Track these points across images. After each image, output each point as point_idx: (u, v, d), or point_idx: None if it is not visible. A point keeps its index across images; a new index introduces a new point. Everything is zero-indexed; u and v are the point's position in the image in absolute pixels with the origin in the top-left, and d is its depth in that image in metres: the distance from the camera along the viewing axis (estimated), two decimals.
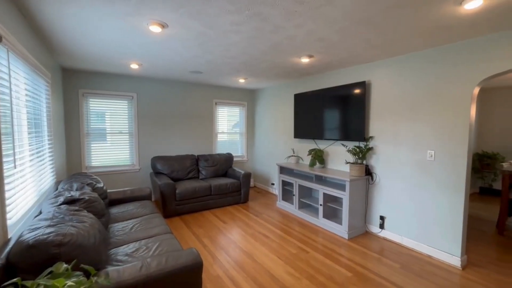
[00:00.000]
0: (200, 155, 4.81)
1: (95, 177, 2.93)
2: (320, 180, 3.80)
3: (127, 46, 2.71)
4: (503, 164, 3.65)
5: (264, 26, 2.16)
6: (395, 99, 3.03)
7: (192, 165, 4.62)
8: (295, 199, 4.02)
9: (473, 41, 2.37)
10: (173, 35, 2.38)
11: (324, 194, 3.50)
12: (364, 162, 3.39)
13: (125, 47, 2.75)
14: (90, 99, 4.11)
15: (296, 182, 3.98)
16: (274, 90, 5.12)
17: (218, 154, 4.99)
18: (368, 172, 3.33)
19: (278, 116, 5.05)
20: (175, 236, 3.17)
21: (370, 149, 3.28)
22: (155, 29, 2.19)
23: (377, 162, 3.25)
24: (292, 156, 4.50)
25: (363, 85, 3.25)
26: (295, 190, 4.00)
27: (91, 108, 4.13)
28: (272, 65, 3.48)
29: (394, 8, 1.82)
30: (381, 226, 3.21)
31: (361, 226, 3.34)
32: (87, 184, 2.59)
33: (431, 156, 2.70)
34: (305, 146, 4.41)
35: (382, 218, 3.20)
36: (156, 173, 4.35)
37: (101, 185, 2.80)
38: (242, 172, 4.55)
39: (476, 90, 2.42)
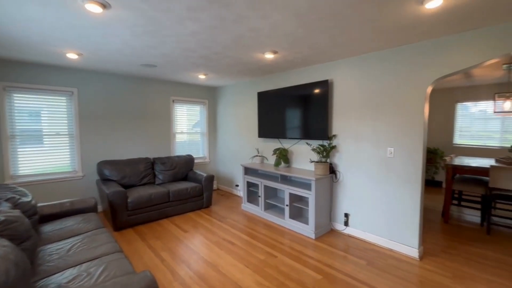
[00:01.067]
0: (156, 158, 4.38)
1: (21, 189, 2.39)
2: (286, 180, 3.73)
3: (60, 29, 2.25)
4: (446, 158, 4.03)
5: (226, 15, 1.96)
6: (356, 98, 3.08)
7: (147, 169, 4.18)
8: (261, 200, 3.88)
9: (429, 43, 2.49)
10: (118, 18, 2.02)
11: (290, 194, 3.43)
12: (328, 160, 3.41)
13: (57, 30, 2.27)
14: (15, 95, 3.40)
15: (261, 182, 3.84)
16: (237, 87, 4.92)
17: (177, 156, 4.61)
18: (332, 170, 3.35)
19: (242, 115, 4.87)
20: (127, 253, 2.77)
21: (334, 147, 3.30)
22: (94, 8, 1.82)
23: (340, 160, 3.29)
24: (257, 156, 4.37)
25: (326, 84, 3.25)
26: (261, 191, 3.87)
27: (17, 105, 3.42)
28: (235, 61, 3.28)
29: (359, 3, 1.77)
30: (346, 223, 3.25)
31: (327, 225, 3.35)
32: (6, 200, 2.07)
33: (391, 153, 2.80)
34: (270, 146, 4.31)
35: (346, 215, 3.24)
36: (104, 180, 3.81)
37: (27, 199, 2.29)
38: (204, 174, 4.26)
39: (429, 90, 2.56)
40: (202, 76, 4.23)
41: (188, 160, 4.65)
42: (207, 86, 5.35)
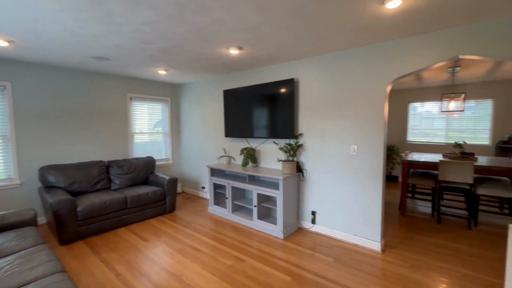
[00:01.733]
0: (111, 161, 3.98)
1: None
2: (254, 180, 3.65)
3: None
4: (402, 154, 4.31)
5: (184, 2, 1.79)
6: (322, 97, 3.11)
7: (101, 174, 3.77)
8: (228, 202, 3.75)
9: (388, 44, 2.59)
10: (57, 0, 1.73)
11: (258, 194, 3.36)
12: (295, 159, 3.40)
13: None
14: None
15: (228, 184, 3.71)
16: (202, 85, 4.71)
17: (136, 159, 4.25)
18: (299, 169, 3.35)
19: (207, 114, 4.67)
20: (74, 271, 2.43)
21: (300, 146, 3.30)
22: None
23: (307, 159, 3.30)
24: (224, 156, 4.22)
25: (291, 82, 3.23)
26: (228, 193, 3.73)
27: None
28: (198, 56, 3.10)
29: (322, 0, 1.74)
30: (313, 221, 3.27)
31: (295, 223, 3.35)
32: None
33: (354, 150, 2.87)
34: (237, 145, 4.19)
35: (313, 213, 3.26)
36: (48, 187, 3.34)
37: None
38: (167, 177, 3.98)
39: (389, 89, 2.68)
40: (162, 72, 3.94)
41: (149, 163, 4.32)
42: (169, 83, 5.03)
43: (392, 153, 6.06)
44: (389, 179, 6.31)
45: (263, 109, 3.60)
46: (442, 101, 4.24)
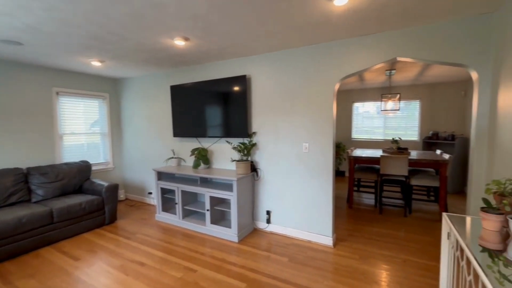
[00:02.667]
0: (32, 168, 3.32)
1: None
2: (206, 182, 3.44)
3: None
4: (348, 150, 4.58)
5: None
6: (274, 95, 3.07)
7: (17, 184, 3.11)
8: (178, 207, 3.46)
9: (337, 43, 2.66)
10: None
11: (211, 197, 3.16)
12: (249, 158, 3.31)
13: None
14: None
15: (178, 188, 3.42)
16: (147, 80, 4.27)
17: (67, 164, 3.64)
18: (254, 169, 3.27)
19: (154, 112, 4.26)
20: None
21: (254, 145, 3.22)
22: None
23: (261, 158, 3.23)
24: (173, 158, 3.89)
25: (243, 79, 3.12)
26: (178, 197, 3.44)
27: None
28: (139, 46, 2.76)
29: None
30: (268, 221, 3.22)
31: (250, 224, 3.25)
32: None
33: (306, 148, 2.90)
34: (187, 146, 3.91)
35: (268, 212, 3.21)
36: None
37: None
38: (105, 184, 3.50)
39: (337, 87, 2.76)
40: (97, 63, 3.44)
41: (83, 168, 3.75)
42: (107, 77, 4.45)
43: (339, 149, 6.46)
44: (337, 174, 6.71)
45: (215, 106, 3.42)
46: (382, 101, 4.64)
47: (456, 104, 5.33)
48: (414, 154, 4.19)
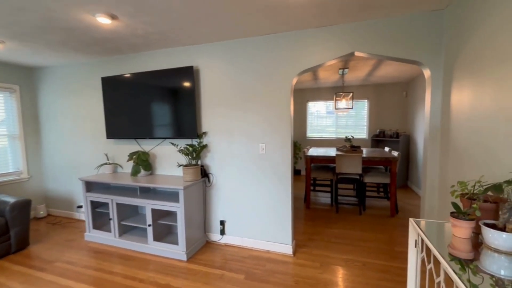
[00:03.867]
0: None
1: None
2: (147, 192, 2.92)
3: None
4: (304, 150, 4.49)
5: None
6: (227, 90, 2.72)
7: None
8: (114, 223, 2.88)
9: (294, 34, 2.43)
10: None
11: (154, 210, 2.68)
12: (199, 162, 2.91)
13: None
14: None
15: (112, 200, 2.84)
16: (72, 70, 3.51)
17: None
18: (205, 174, 2.88)
19: (81, 109, 3.52)
20: None
21: (205, 146, 2.83)
22: None
23: (212, 161, 2.86)
24: (107, 164, 3.26)
25: (190, 71, 2.70)
26: (112, 212, 2.86)
27: None
28: (47, 21, 2.12)
29: None
30: (222, 232, 2.87)
31: (201, 238, 2.86)
32: None
33: (263, 149, 2.63)
34: (125, 149, 3.30)
35: (222, 223, 2.86)
36: None
37: None
38: (11, 200, 2.72)
39: (294, 82, 2.55)
40: None
41: None
42: (15, 65, 3.54)
43: (295, 148, 6.42)
44: (294, 172, 6.69)
45: (158, 102, 2.92)
46: (336, 100, 4.66)
47: (399, 104, 5.71)
48: (365, 152, 4.29)
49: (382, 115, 5.88)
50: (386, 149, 4.47)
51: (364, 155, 3.80)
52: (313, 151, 4.55)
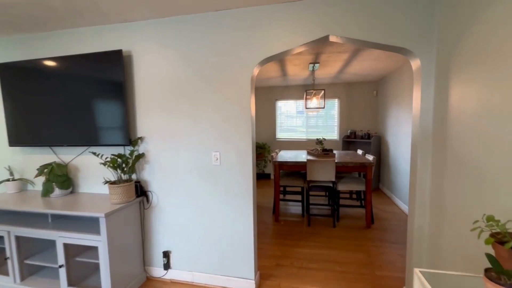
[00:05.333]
0: None
1: None
2: (60, 220, 2.18)
3: None
4: (273, 154, 4.00)
5: None
6: (170, 82, 2.09)
7: None
8: (12, 264, 2.09)
9: (255, 11, 1.88)
10: None
11: (67, 245, 1.96)
12: (136, 176, 2.23)
13: None
14: None
15: (10, 232, 2.05)
16: None
17: None
18: (142, 192, 2.21)
19: None
20: None
21: (141, 156, 2.17)
22: None
23: (152, 175, 2.21)
24: (9, 180, 2.42)
25: (118, 56, 2.03)
26: (10, 248, 2.07)
27: None
28: None
29: None
30: (167, 266, 2.23)
31: (139, 274, 2.19)
32: None
33: (217, 159, 2.05)
34: (37, 160, 2.49)
35: (166, 254, 2.22)
36: None
37: None
38: None
39: (255, 73, 2.00)
40: None
41: None
42: None
43: (263, 151, 5.94)
44: (262, 177, 6.20)
45: (77, 98, 2.19)
46: (306, 98, 4.24)
47: (369, 103, 5.50)
48: (338, 156, 3.92)
49: (353, 115, 5.64)
50: (359, 151, 4.16)
51: (337, 160, 3.41)
52: (283, 155, 4.07)
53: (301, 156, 3.96)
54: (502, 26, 1.07)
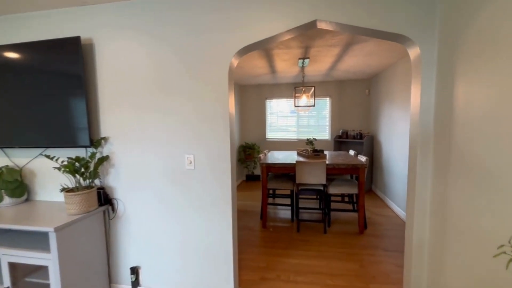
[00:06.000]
0: None
1: None
2: (10, 234, 1.88)
3: None
4: (261, 155, 3.76)
5: None
6: (139, 75, 1.83)
7: None
8: None
9: None
10: None
11: (13, 264, 1.67)
12: (100, 182, 1.96)
13: None
14: None
15: None
16: None
17: None
18: (107, 200, 1.94)
19: None
20: None
21: (105, 159, 1.90)
22: None
23: (118, 181, 1.94)
24: None
25: (76, 44, 1.75)
26: None
27: None
28: None
29: None
30: (135, 284, 1.96)
31: None
32: None
33: (191, 162, 1.80)
34: None
35: (135, 270, 1.95)
36: None
37: None
38: None
39: (234, 64, 1.76)
40: None
41: None
42: None
43: (253, 151, 5.71)
44: (252, 178, 5.96)
45: (31, 92, 1.89)
46: (295, 96, 4.02)
47: (362, 102, 5.33)
48: (329, 157, 3.71)
49: (345, 114, 5.46)
50: (351, 152, 3.96)
51: (328, 162, 3.19)
52: (272, 156, 3.84)
53: (291, 157, 3.74)
54: None
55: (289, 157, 3.75)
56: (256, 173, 5.98)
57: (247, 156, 5.71)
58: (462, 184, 1.21)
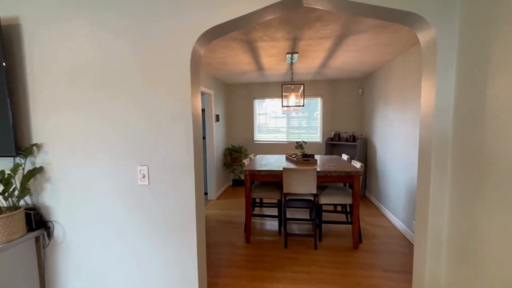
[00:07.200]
0: None
1: None
2: None
3: None
4: (244, 161, 3.40)
5: None
6: (81, 68, 1.44)
7: None
8: None
9: None
10: None
11: None
12: (33, 201, 1.55)
13: None
14: None
15: None
16: None
17: None
18: (41, 222, 1.53)
19: None
20: None
21: (38, 171, 1.49)
22: None
23: (56, 199, 1.53)
24: None
25: None
26: None
27: None
28: None
29: None
30: None
31: None
32: None
33: (144, 176, 1.41)
34: None
35: None
36: None
37: None
38: None
39: (200, 52, 1.38)
40: None
41: None
42: None
43: (239, 155, 5.33)
44: (239, 184, 5.59)
45: None
46: (283, 95, 3.67)
47: (354, 103, 5.04)
48: (320, 161, 3.38)
49: (337, 115, 5.15)
50: (344, 156, 3.64)
51: (319, 169, 2.86)
52: (258, 161, 3.48)
53: (280, 162, 3.38)
54: None
55: (277, 162, 3.39)
56: (243, 177, 5.60)
57: (233, 160, 5.33)
58: (503, 202, 0.88)
